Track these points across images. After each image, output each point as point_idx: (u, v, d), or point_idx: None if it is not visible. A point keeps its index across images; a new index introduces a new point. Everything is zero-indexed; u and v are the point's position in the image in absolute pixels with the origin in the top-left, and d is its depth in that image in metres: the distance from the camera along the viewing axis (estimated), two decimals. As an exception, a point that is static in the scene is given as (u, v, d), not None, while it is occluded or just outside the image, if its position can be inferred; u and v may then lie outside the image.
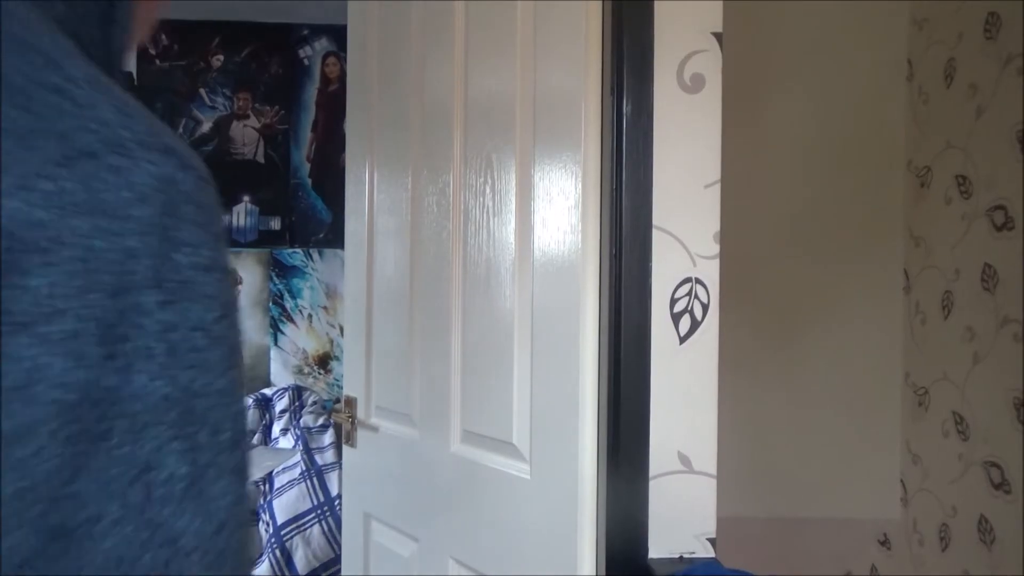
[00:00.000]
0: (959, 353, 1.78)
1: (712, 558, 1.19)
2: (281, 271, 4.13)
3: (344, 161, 1.86)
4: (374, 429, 1.69)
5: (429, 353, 1.51)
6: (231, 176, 3.91)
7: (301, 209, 3.96)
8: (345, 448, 1.80)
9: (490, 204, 1.36)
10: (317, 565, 2.76)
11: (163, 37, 3.99)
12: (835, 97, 2.01)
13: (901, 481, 2.02)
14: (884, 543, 2.06)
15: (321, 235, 3.94)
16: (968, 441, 1.75)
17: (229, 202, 4.03)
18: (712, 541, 1.20)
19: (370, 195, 1.71)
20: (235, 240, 4.12)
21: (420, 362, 1.54)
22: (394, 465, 1.63)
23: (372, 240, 1.71)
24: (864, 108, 2.02)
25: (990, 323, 1.67)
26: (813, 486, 2.02)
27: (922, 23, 1.96)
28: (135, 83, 3.92)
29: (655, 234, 1.18)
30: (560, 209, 1.22)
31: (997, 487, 1.65)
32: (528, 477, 1.27)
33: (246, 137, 3.97)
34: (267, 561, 2.76)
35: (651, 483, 1.18)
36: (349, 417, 1.75)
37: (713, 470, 1.20)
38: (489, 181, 1.37)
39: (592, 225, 1.20)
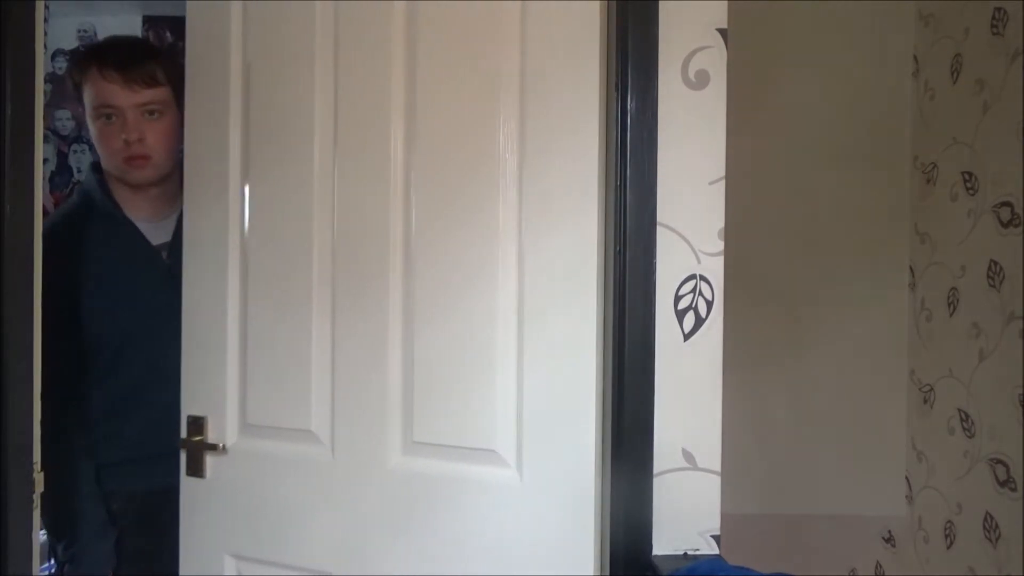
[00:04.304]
0: (965, 350, 1.77)
1: (716, 555, 1.19)
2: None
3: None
4: (245, 453, 1.44)
5: (352, 360, 1.34)
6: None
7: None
8: (186, 481, 1.47)
9: (456, 194, 1.27)
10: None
11: (168, 34, 3.99)
12: (841, 93, 2.00)
13: (906, 478, 2.02)
14: (889, 540, 2.05)
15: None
16: (973, 438, 1.74)
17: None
18: (716, 538, 1.20)
19: (239, 165, 1.45)
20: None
21: (335, 369, 1.36)
22: (283, 494, 1.40)
23: (242, 224, 1.45)
24: (870, 104, 2.01)
25: (996, 320, 1.67)
26: (818, 483, 2.02)
27: (928, 18, 1.95)
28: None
29: (659, 231, 1.18)
30: (560, 205, 1.21)
31: (1002, 484, 1.64)
32: (517, 483, 1.24)
33: (251, 134, 3.97)
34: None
35: (655, 480, 1.18)
36: (198, 441, 1.45)
37: (717, 467, 1.20)
38: (454, 172, 1.27)
39: (596, 221, 1.19)
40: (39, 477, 1.26)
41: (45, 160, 3.92)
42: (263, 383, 1.43)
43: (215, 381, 1.45)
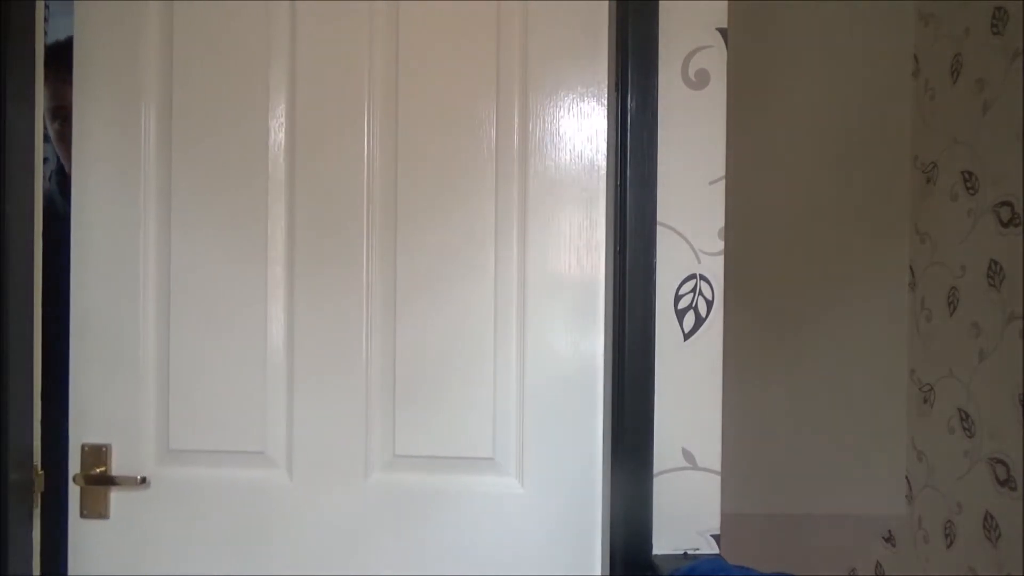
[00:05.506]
0: (965, 350, 1.77)
1: (716, 555, 1.19)
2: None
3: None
4: (169, 486, 1.22)
5: (316, 361, 1.21)
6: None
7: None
8: (78, 524, 1.23)
9: (449, 184, 1.22)
10: None
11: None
12: (841, 93, 2.00)
13: (906, 478, 2.02)
14: (889, 540, 2.05)
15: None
16: (973, 438, 1.74)
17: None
18: (716, 538, 1.20)
19: (156, 140, 1.23)
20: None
21: (294, 373, 1.22)
22: (224, 530, 1.22)
23: (167, 195, 1.23)
24: (870, 104, 2.01)
25: (996, 320, 1.67)
26: (818, 483, 2.02)
27: (928, 18, 1.95)
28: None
29: (659, 231, 1.18)
30: (557, 208, 1.22)
31: (1002, 484, 1.64)
32: (519, 491, 1.23)
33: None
34: None
35: (655, 480, 1.18)
36: (99, 474, 1.21)
37: (717, 467, 1.20)
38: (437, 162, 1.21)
39: (595, 222, 1.19)
40: (39, 477, 1.26)
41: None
42: (192, 395, 1.20)
43: (122, 394, 1.20)
